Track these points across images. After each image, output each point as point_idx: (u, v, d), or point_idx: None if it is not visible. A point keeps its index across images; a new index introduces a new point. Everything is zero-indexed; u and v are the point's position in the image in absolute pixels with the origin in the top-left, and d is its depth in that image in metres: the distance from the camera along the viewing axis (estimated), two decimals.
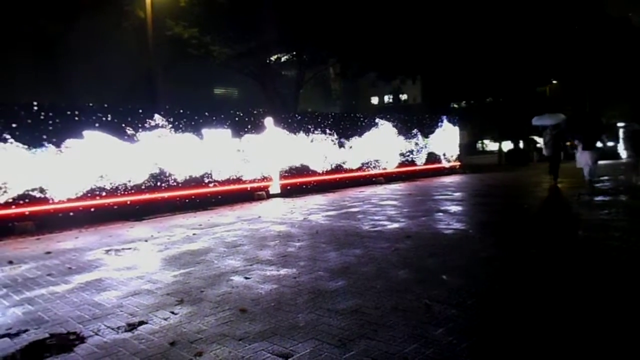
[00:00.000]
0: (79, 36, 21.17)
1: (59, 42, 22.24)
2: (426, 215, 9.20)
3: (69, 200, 10.65)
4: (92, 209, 10.95)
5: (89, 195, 11.00)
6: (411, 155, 20.58)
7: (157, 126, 12.26)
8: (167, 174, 12.41)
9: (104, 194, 11.20)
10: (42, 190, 10.31)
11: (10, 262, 6.72)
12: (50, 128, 10.39)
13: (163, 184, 12.29)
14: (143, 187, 11.88)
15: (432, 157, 21.76)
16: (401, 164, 20.06)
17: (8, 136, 9.86)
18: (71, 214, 10.63)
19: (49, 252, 7.36)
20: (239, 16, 20.83)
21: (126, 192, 11.59)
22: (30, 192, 10.16)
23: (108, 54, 22.65)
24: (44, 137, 10.34)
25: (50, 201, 10.34)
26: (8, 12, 19.53)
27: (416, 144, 20.92)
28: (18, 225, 9.79)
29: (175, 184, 12.53)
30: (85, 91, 24.29)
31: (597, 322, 3.38)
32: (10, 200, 9.86)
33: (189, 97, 28.22)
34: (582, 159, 14.41)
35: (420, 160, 21.09)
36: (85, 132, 11.01)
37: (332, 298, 4.21)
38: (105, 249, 7.36)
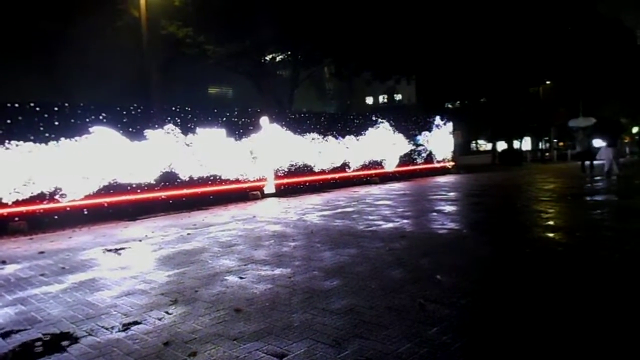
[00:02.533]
0: (74, 35, 21.07)
1: (54, 40, 22.13)
2: (420, 215, 9.23)
3: (70, 200, 10.68)
4: (85, 210, 10.92)
5: (95, 194, 11.12)
6: (406, 155, 20.64)
7: (158, 127, 12.32)
8: (176, 175, 12.63)
9: (102, 192, 11.24)
10: (57, 189, 10.48)
11: (3, 262, 6.68)
12: (50, 127, 10.42)
13: (166, 184, 12.40)
14: (141, 187, 11.88)
15: (426, 157, 21.83)
16: (396, 164, 20.11)
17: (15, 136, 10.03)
18: (68, 209, 10.62)
19: (42, 252, 7.32)
20: (233, 15, 20.78)
21: (123, 192, 11.57)
22: (46, 191, 10.34)
23: (103, 53, 22.54)
24: (51, 136, 10.48)
25: (45, 201, 10.30)
26: (5, 11, 19.43)
27: (411, 144, 20.99)
28: (11, 224, 9.74)
29: (177, 183, 12.62)
30: (81, 90, 24.16)
31: (589, 322, 3.40)
32: (32, 197, 10.14)
33: (183, 96, 28.10)
34: (604, 154, 17.09)
35: (415, 160, 21.16)
36: (93, 131, 11.11)
37: (326, 298, 4.21)
38: (99, 249, 7.33)
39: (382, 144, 19.44)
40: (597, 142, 28.12)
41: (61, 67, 23.41)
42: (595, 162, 18.80)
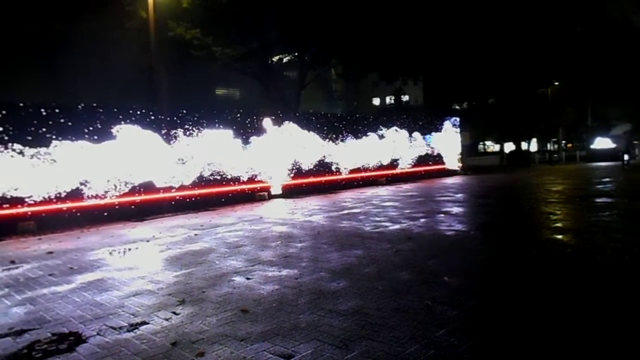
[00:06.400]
0: (82, 36, 21.22)
1: (62, 41, 22.30)
2: (428, 217, 9.19)
3: (75, 199, 10.82)
4: (96, 210, 11.00)
5: (117, 195, 11.42)
6: (413, 157, 20.58)
7: (180, 129, 12.66)
8: (205, 175, 13.11)
9: (119, 193, 11.47)
10: (85, 186, 10.83)
11: (12, 262, 6.74)
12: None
13: (179, 185, 12.68)
14: (150, 188, 12.00)
15: (434, 159, 21.76)
16: (403, 165, 20.05)
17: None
18: (78, 214, 10.69)
19: (50, 252, 7.38)
20: (240, 17, 20.86)
21: (134, 193, 11.68)
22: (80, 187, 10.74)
23: (111, 54, 22.69)
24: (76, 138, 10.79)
25: (53, 201, 10.38)
26: (13, 11, 19.61)
27: (418, 145, 20.92)
28: (20, 225, 9.82)
29: (189, 184, 12.90)
30: (88, 90, 24.34)
31: (598, 324, 3.37)
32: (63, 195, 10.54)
33: (191, 98, 28.21)
34: None
35: (423, 161, 21.08)
36: (116, 133, 11.40)
37: (333, 299, 4.21)
38: (107, 249, 7.38)
39: (389, 145, 19.39)
40: (605, 141, 29.50)
41: (67, 68, 23.59)
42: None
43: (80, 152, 10.76)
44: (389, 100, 70.66)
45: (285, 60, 31.41)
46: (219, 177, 13.45)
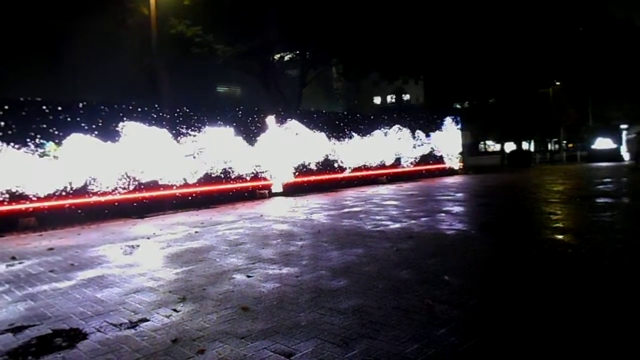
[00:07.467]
0: (83, 33, 21.21)
1: (64, 39, 22.28)
2: (428, 216, 9.19)
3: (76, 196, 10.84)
4: (97, 207, 11.00)
5: (123, 192, 11.53)
6: (414, 156, 20.57)
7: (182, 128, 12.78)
8: (207, 173, 13.21)
9: (125, 190, 11.55)
10: (92, 183, 10.93)
11: (13, 258, 6.75)
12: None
13: (183, 183, 12.76)
14: (152, 184, 12.03)
15: (434, 158, 21.75)
16: (404, 164, 20.05)
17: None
18: (79, 210, 10.70)
19: (51, 249, 7.38)
20: (242, 15, 20.83)
21: (134, 190, 11.70)
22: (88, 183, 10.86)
23: (112, 52, 22.67)
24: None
25: (54, 197, 10.38)
26: (14, 9, 19.60)
27: (420, 144, 20.92)
28: (21, 221, 9.83)
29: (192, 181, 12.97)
30: (90, 88, 24.32)
31: (600, 325, 3.37)
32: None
33: (192, 95, 28.19)
34: None
35: (423, 160, 21.08)
36: (123, 130, 11.48)
37: (334, 297, 4.20)
38: (108, 246, 7.38)
39: (390, 144, 19.39)
40: (606, 142, 29.65)
41: (69, 66, 23.57)
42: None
43: (86, 150, 10.75)
44: (389, 99, 70.58)
45: (286, 58, 31.38)
46: (220, 175, 13.46)
